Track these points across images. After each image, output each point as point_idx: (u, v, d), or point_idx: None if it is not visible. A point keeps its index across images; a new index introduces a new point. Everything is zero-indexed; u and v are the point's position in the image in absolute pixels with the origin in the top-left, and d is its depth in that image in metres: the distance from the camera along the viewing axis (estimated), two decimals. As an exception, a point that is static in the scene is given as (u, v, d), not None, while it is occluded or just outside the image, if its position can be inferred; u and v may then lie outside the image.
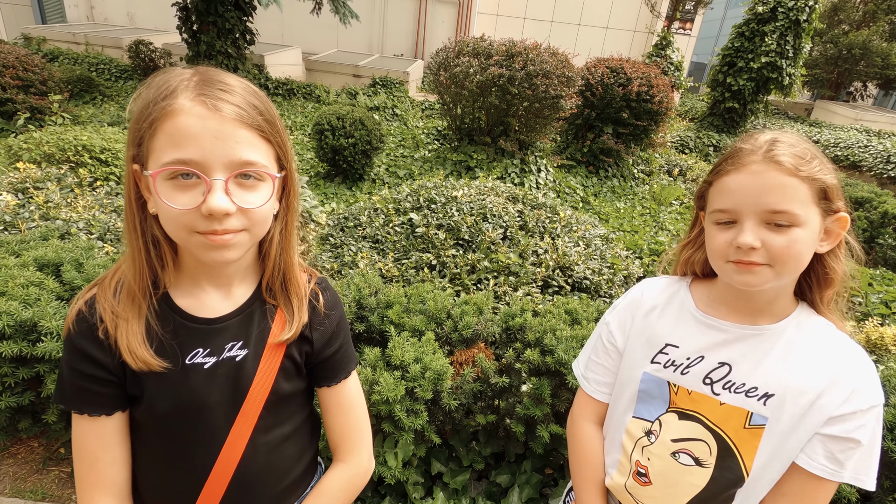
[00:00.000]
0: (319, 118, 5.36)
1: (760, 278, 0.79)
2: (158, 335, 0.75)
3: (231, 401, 0.79)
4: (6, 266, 1.86)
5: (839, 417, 0.80)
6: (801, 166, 0.77)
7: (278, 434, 0.86)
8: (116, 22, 14.02)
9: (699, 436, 0.89)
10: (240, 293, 0.82)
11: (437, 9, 13.09)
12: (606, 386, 1.05)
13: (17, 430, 1.99)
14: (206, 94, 0.67)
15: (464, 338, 1.93)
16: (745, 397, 0.86)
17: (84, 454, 0.77)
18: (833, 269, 0.85)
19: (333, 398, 0.92)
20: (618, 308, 1.06)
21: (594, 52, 11.92)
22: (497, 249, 2.89)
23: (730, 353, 0.88)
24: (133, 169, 0.71)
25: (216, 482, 0.80)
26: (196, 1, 7.31)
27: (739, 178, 0.80)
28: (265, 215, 0.74)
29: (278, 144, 0.75)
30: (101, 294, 0.76)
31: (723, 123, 9.85)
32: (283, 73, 10.13)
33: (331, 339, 0.89)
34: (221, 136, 0.66)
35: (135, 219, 0.73)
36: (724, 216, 0.82)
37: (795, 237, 0.76)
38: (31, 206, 2.66)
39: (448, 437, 1.98)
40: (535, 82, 5.22)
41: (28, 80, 5.95)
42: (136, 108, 0.69)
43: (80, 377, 0.75)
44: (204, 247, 0.70)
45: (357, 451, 0.94)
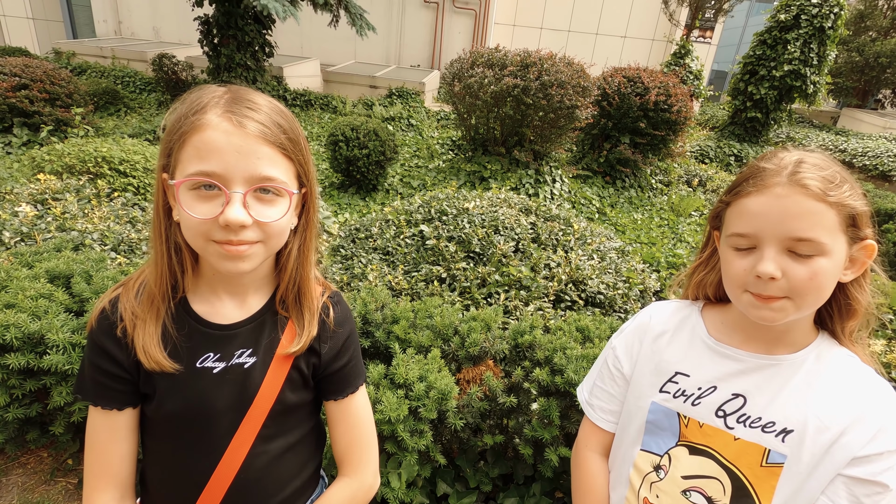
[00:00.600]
0: (334, 129, 5.40)
1: (780, 314, 0.73)
2: (173, 338, 0.79)
3: (237, 407, 0.81)
4: (17, 278, 1.88)
5: (864, 458, 0.74)
6: (831, 191, 0.71)
7: (281, 444, 0.87)
8: (143, 36, 14.46)
9: (712, 473, 0.83)
10: (254, 302, 0.85)
11: (454, 20, 13.17)
12: (612, 414, 1.00)
13: (26, 440, 2.01)
14: (234, 111, 0.70)
15: (471, 355, 1.88)
16: (761, 432, 0.80)
17: (95, 444, 0.81)
18: (857, 299, 0.78)
19: (340, 412, 0.93)
20: (625, 332, 1.00)
21: (612, 61, 11.83)
22: (508, 262, 2.83)
23: (744, 384, 0.82)
24: (162, 178, 0.75)
25: (216, 486, 0.82)
26: (217, 15, 7.48)
27: (761, 200, 0.74)
28: (281, 229, 0.77)
29: (300, 162, 0.78)
30: (125, 294, 0.80)
31: (744, 133, 9.65)
32: (302, 85, 10.28)
33: (339, 353, 0.90)
34: (244, 152, 0.70)
35: (161, 225, 0.77)
36: (742, 241, 0.76)
37: (819, 268, 0.71)
38: (49, 217, 2.71)
39: (455, 456, 1.93)
40: (549, 92, 5.17)
41: (54, 94, 6.13)
42: (171, 121, 0.74)
43: (97, 372, 0.79)
44: (220, 256, 0.73)
45: (362, 467, 0.94)
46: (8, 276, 1.91)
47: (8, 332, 1.64)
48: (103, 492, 0.81)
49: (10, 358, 1.65)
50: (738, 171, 0.86)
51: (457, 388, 1.68)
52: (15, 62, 6.09)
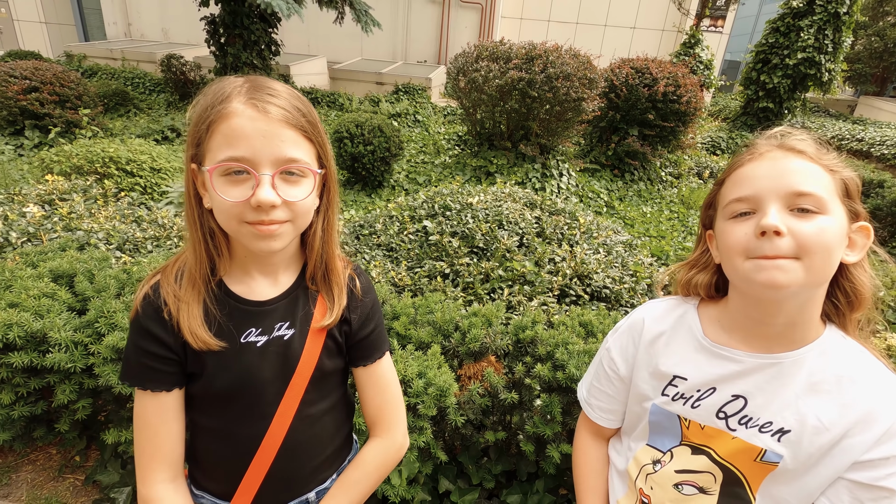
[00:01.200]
0: (339, 126, 5.40)
1: (789, 275, 0.67)
2: (217, 318, 0.83)
3: (281, 376, 0.87)
4: (21, 277, 1.90)
5: (869, 462, 0.70)
6: (822, 155, 0.72)
7: (321, 407, 0.94)
8: (152, 37, 14.59)
9: (706, 468, 0.83)
10: (284, 279, 0.90)
11: (460, 14, 13.09)
12: (612, 413, 1.00)
13: (33, 438, 2.03)
14: (256, 98, 0.74)
15: (472, 351, 1.86)
16: (758, 432, 0.77)
17: (144, 428, 0.84)
18: (862, 282, 0.75)
19: (369, 377, 0.98)
20: (619, 331, 0.98)
21: (621, 52, 11.67)
22: (512, 257, 2.80)
23: (744, 385, 0.79)
24: (192, 168, 0.78)
25: (266, 452, 0.87)
26: (223, 14, 7.51)
27: (758, 164, 0.73)
28: (307, 208, 0.81)
29: (319, 144, 0.82)
30: (164, 280, 0.84)
31: (757, 123, 9.46)
32: (309, 83, 10.30)
33: (366, 321, 0.96)
34: (269, 135, 0.74)
35: (193, 213, 0.81)
36: (742, 205, 0.73)
37: (824, 224, 0.68)
38: (55, 217, 2.74)
39: (457, 453, 1.91)
40: (555, 85, 5.11)
41: (64, 96, 6.21)
42: (195, 113, 0.77)
43: (145, 356, 0.82)
44: (253, 236, 0.77)
45: (393, 428, 0.99)
46: (12, 275, 1.93)
47: (11, 332, 1.65)
48: (157, 472, 0.85)
49: (13, 356, 1.67)
50: None
51: (457, 385, 1.67)
52: (26, 65, 6.17)
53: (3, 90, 5.82)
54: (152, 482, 0.84)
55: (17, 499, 2.02)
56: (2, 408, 1.78)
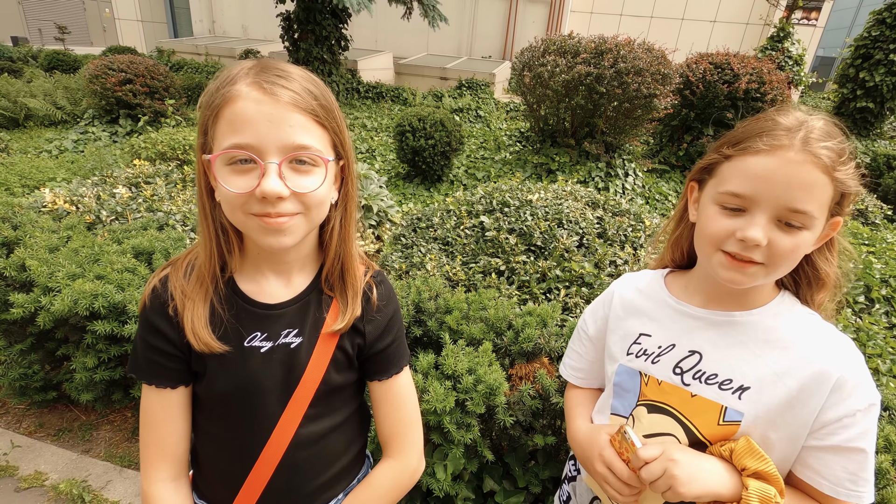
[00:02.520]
0: (401, 119, 5.46)
1: (750, 279, 0.73)
2: (223, 319, 0.79)
3: (284, 386, 0.81)
4: (108, 252, 2.06)
5: (836, 423, 0.72)
6: (838, 167, 0.69)
7: (328, 423, 0.87)
8: (233, 34, 15.49)
9: (669, 430, 0.83)
10: (299, 281, 0.84)
11: (528, 9, 12.86)
12: (580, 371, 1.07)
13: (112, 401, 2.21)
14: (263, 80, 0.69)
15: (524, 351, 1.81)
16: (718, 390, 0.79)
17: (149, 422, 0.82)
18: (824, 271, 0.79)
19: (384, 393, 0.91)
20: (595, 300, 1.07)
21: (698, 47, 11.00)
22: (571, 258, 2.71)
23: (699, 340, 0.83)
24: (202, 158, 0.74)
25: (265, 464, 0.83)
26: (297, 10, 7.82)
27: (770, 162, 0.70)
28: (320, 199, 0.74)
29: (334, 131, 0.76)
30: (174, 274, 0.81)
31: (852, 125, 8.59)
32: (375, 78, 10.53)
33: (383, 334, 0.89)
34: (275, 120, 0.68)
35: (205, 206, 0.77)
36: (735, 201, 0.73)
37: (802, 241, 0.70)
38: (140, 198, 2.96)
39: (504, 454, 1.87)
40: (625, 80, 4.88)
41: (154, 87, 6.72)
42: (204, 99, 0.72)
43: (151, 350, 0.80)
44: (260, 230, 0.71)
45: (407, 450, 0.92)
46: (101, 250, 2.10)
47: (97, 301, 1.80)
48: (159, 469, 0.82)
49: (97, 324, 1.81)
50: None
51: (507, 385, 1.62)
52: (122, 59, 6.73)
53: (102, 81, 6.38)
54: (154, 479, 0.82)
55: (96, 455, 2.21)
56: (86, 370, 1.95)
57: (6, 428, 2.31)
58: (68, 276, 1.90)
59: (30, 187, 4.52)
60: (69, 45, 15.75)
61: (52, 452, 2.18)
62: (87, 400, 2.05)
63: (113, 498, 1.99)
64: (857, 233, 4.06)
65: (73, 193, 2.93)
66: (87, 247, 2.12)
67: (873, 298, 2.97)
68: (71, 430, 2.32)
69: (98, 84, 6.38)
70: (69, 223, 2.39)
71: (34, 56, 11.71)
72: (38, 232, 2.23)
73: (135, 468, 2.15)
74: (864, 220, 4.84)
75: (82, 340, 1.96)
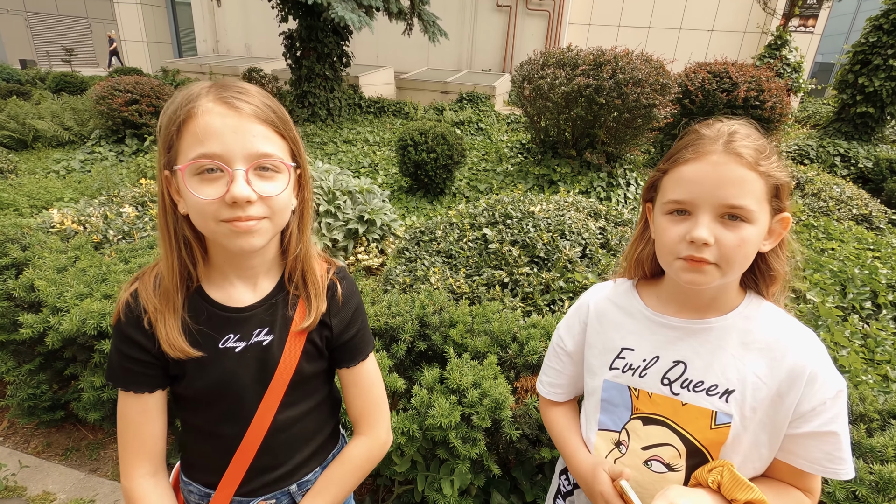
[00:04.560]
0: (403, 134, 5.51)
1: (707, 277, 0.78)
2: (193, 326, 0.84)
3: (259, 380, 0.88)
4: (115, 272, 2.09)
5: (812, 412, 0.78)
6: (761, 161, 0.76)
7: (302, 409, 0.94)
8: (236, 52, 15.73)
9: (666, 440, 0.87)
10: (265, 285, 0.90)
11: (526, 22, 13.03)
12: (559, 387, 1.08)
13: (119, 419, 2.21)
14: (225, 96, 0.75)
15: (530, 363, 1.81)
16: (706, 396, 0.84)
17: (128, 425, 0.87)
18: (776, 269, 0.85)
19: (353, 378, 0.99)
20: (567, 315, 1.08)
21: (696, 57, 11.08)
22: (574, 268, 2.72)
23: (682, 350, 0.87)
24: (165, 175, 0.78)
25: (246, 448, 0.89)
26: (300, 29, 7.95)
27: (698, 167, 0.78)
28: (284, 203, 0.81)
29: (291, 140, 0.82)
30: (142, 287, 0.84)
31: (853, 130, 8.58)
32: (376, 93, 10.65)
33: (349, 325, 0.96)
34: (240, 131, 0.74)
35: (167, 221, 0.80)
36: (678, 207, 0.80)
37: (746, 235, 0.76)
38: (146, 217, 2.99)
39: (511, 467, 1.87)
40: (624, 91, 4.93)
41: (159, 107, 6.82)
42: (165, 117, 0.77)
43: (127, 360, 0.84)
44: (230, 234, 0.76)
45: (376, 426, 1.01)
46: (108, 269, 2.13)
47: (105, 321, 1.81)
48: (139, 467, 0.87)
49: (104, 343, 1.83)
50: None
51: (513, 398, 1.62)
52: (128, 80, 6.85)
53: (108, 102, 6.49)
54: (134, 476, 0.86)
55: (103, 474, 2.21)
56: (94, 389, 1.96)
57: (14, 448, 2.32)
58: (76, 296, 1.92)
59: (38, 207, 4.58)
60: (76, 67, 16.03)
61: (60, 472, 2.18)
62: (95, 419, 2.06)
63: (120, 517, 1.99)
64: (861, 238, 4.05)
65: (80, 213, 2.97)
66: (94, 266, 2.14)
67: (880, 304, 2.96)
68: (79, 450, 2.32)
69: (105, 105, 6.49)
70: (77, 243, 2.42)
71: (42, 78, 11.93)
72: (46, 252, 2.27)
73: (142, 487, 2.15)
74: (869, 224, 4.83)
75: (90, 360, 1.97)
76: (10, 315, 2.09)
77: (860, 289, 3.01)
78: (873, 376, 2.22)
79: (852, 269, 3.19)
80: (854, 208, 4.92)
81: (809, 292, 2.88)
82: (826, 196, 5.14)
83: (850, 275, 3.13)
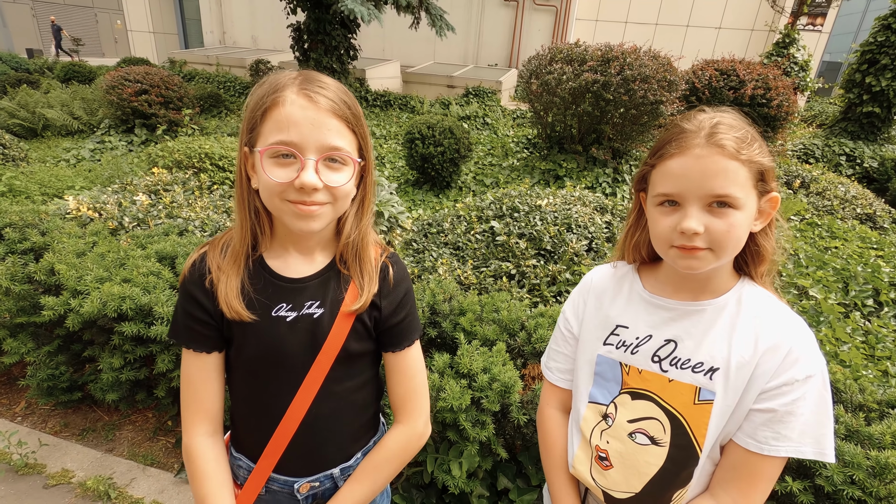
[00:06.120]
0: (411, 127, 5.55)
1: (702, 262, 0.81)
2: (251, 291, 0.89)
3: (308, 351, 0.91)
4: (133, 257, 2.14)
5: (775, 390, 0.81)
6: (743, 150, 0.79)
7: (347, 386, 0.97)
8: (243, 44, 15.73)
9: (652, 414, 0.91)
10: (320, 260, 0.95)
11: (534, 17, 12.99)
12: (567, 373, 1.09)
13: (135, 401, 2.27)
14: (307, 89, 0.81)
15: (537, 351, 1.86)
16: (692, 373, 0.87)
17: (189, 383, 0.93)
18: (764, 246, 0.88)
19: (397, 364, 1.01)
20: (571, 296, 1.10)
21: (704, 54, 11.05)
22: (580, 261, 2.76)
23: (675, 330, 0.90)
24: (244, 151, 0.86)
25: (290, 420, 0.92)
26: (308, 21, 7.97)
27: (683, 161, 0.81)
28: (346, 193, 0.86)
29: (361, 136, 0.88)
30: (211, 251, 0.91)
31: (859, 129, 8.57)
32: (383, 86, 10.66)
33: (397, 309, 0.98)
34: (317, 124, 0.80)
35: (243, 193, 0.88)
36: (667, 199, 0.84)
37: (735, 221, 0.79)
38: (160, 205, 3.04)
39: (517, 452, 1.92)
40: (632, 87, 4.95)
41: (168, 97, 6.86)
42: (252, 100, 0.84)
43: (189, 318, 0.90)
44: (294, 215, 0.82)
45: (415, 416, 1.02)
46: (126, 255, 2.18)
47: (124, 304, 1.87)
48: (199, 425, 0.93)
49: (125, 326, 1.88)
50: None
51: (521, 383, 1.67)
52: (138, 70, 6.89)
53: (119, 92, 6.53)
54: (194, 434, 0.92)
55: (119, 454, 2.27)
56: (112, 371, 2.02)
57: (33, 427, 2.38)
58: (96, 280, 1.97)
59: (49, 195, 4.63)
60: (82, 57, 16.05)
61: (78, 451, 2.25)
62: (112, 400, 2.12)
63: (137, 495, 2.05)
64: (865, 236, 4.07)
65: (95, 200, 3.02)
66: (112, 251, 2.19)
67: (882, 302, 2.99)
68: (94, 430, 2.39)
69: (115, 94, 6.53)
70: (94, 229, 2.47)
71: (50, 67, 11.98)
72: (65, 238, 2.32)
73: (157, 467, 2.21)
74: (873, 224, 4.85)
75: (109, 342, 2.03)
76: (30, 298, 2.15)
77: (862, 286, 3.04)
78: (874, 372, 2.26)
79: (855, 267, 3.22)
80: (858, 207, 4.94)
81: (812, 289, 2.92)
82: (831, 195, 5.16)
83: (853, 272, 3.16)
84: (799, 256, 3.41)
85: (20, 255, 2.27)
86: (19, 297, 2.14)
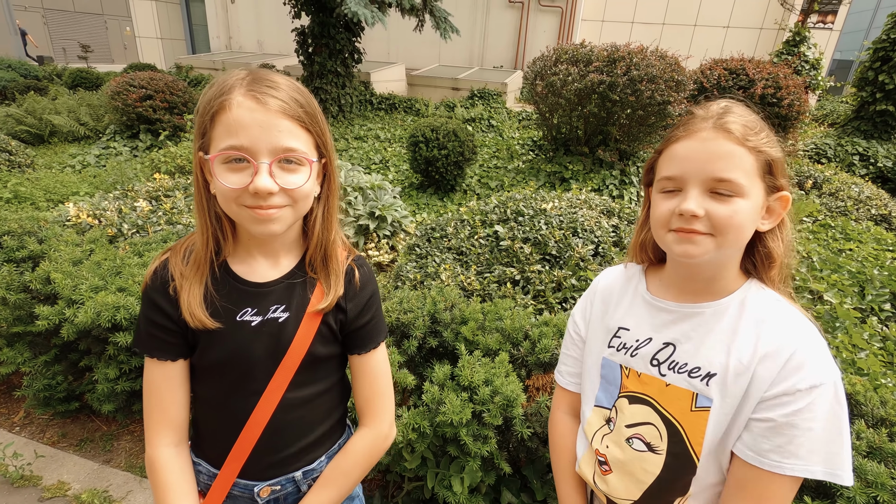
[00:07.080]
0: (414, 130, 5.50)
1: (701, 248, 0.78)
2: (215, 298, 0.88)
3: (272, 356, 0.90)
4: (129, 265, 2.10)
5: (774, 400, 0.75)
6: (749, 136, 0.77)
7: (312, 391, 0.96)
8: (249, 49, 15.81)
9: (648, 419, 0.88)
10: (285, 263, 0.93)
11: (539, 18, 12.93)
12: (577, 376, 1.07)
13: (132, 411, 2.24)
14: (255, 90, 0.78)
15: (542, 361, 1.80)
16: (688, 378, 0.84)
17: (152, 393, 0.90)
18: (773, 248, 0.83)
19: (363, 366, 1.00)
20: (580, 300, 1.09)
21: (712, 53, 10.92)
22: (587, 266, 2.69)
23: (674, 333, 0.88)
24: (199, 156, 0.84)
25: (254, 425, 0.91)
26: (312, 25, 7.96)
27: (688, 144, 0.79)
28: (305, 194, 0.85)
29: (317, 134, 0.86)
30: (173, 257, 0.89)
31: (872, 128, 8.41)
32: (388, 89, 10.64)
33: (363, 311, 0.98)
34: (266, 126, 0.78)
35: (202, 198, 0.86)
36: (670, 184, 0.82)
37: (738, 207, 0.76)
38: (160, 211, 3.02)
39: (521, 466, 1.85)
40: (638, 88, 4.87)
41: (173, 103, 6.87)
42: (201, 104, 0.81)
43: (152, 326, 0.88)
44: (252, 220, 0.81)
45: (380, 418, 1.02)
46: (122, 263, 2.14)
47: (118, 313, 1.83)
48: (163, 436, 0.90)
49: (119, 336, 1.85)
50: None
51: (524, 396, 1.61)
52: (143, 76, 6.91)
53: (123, 98, 6.55)
54: (158, 445, 0.90)
55: (117, 465, 2.23)
56: (108, 381, 1.98)
57: (30, 438, 2.36)
58: (91, 289, 1.94)
59: (54, 201, 4.64)
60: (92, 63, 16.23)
61: (75, 462, 2.21)
62: (109, 410, 2.09)
63: (133, 508, 2.01)
64: (880, 238, 3.96)
65: (95, 207, 3.00)
66: (109, 259, 2.16)
67: (900, 306, 2.89)
68: (92, 441, 2.35)
69: (120, 100, 6.56)
70: (92, 236, 2.45)
71: (59, 74, 12.09)
72: (62, 245, 2.29)
73: (154, 479, 2.17)
74: (888, 225, 4.73)
75: (104, 352, 1.99)
76: (26, 307, 2.12)
77: (879, 290, 2.94)
78: (893, 379, 2.17)
79: (871, 270, 3.12)
80: (873, 208, 4.82)
81: (827, 293, 2.82)
82: (844, 196, 5.04)
83: (869, 276, 3.07)
84: (812, 259, 3.32)
85: (18, 264, 2.25)
86: (15, 306, 2.11)
